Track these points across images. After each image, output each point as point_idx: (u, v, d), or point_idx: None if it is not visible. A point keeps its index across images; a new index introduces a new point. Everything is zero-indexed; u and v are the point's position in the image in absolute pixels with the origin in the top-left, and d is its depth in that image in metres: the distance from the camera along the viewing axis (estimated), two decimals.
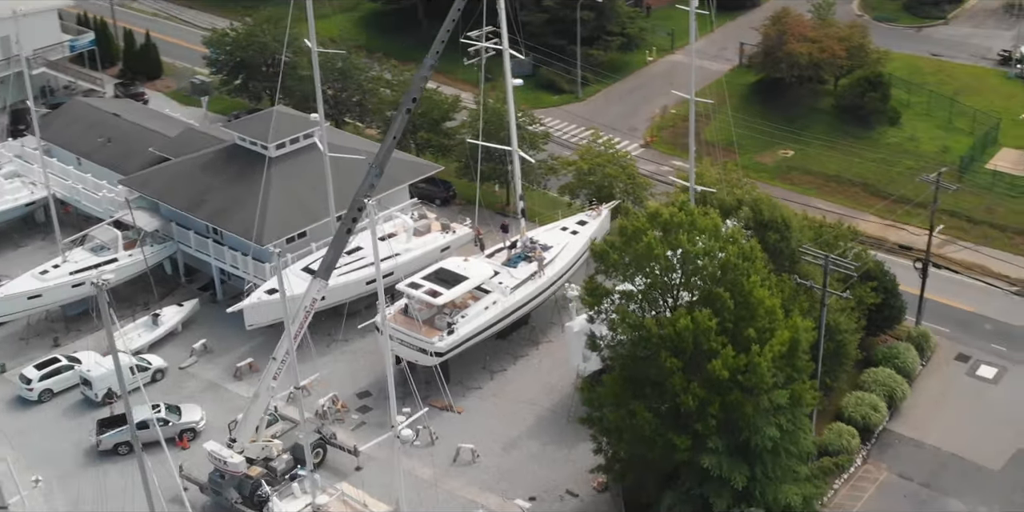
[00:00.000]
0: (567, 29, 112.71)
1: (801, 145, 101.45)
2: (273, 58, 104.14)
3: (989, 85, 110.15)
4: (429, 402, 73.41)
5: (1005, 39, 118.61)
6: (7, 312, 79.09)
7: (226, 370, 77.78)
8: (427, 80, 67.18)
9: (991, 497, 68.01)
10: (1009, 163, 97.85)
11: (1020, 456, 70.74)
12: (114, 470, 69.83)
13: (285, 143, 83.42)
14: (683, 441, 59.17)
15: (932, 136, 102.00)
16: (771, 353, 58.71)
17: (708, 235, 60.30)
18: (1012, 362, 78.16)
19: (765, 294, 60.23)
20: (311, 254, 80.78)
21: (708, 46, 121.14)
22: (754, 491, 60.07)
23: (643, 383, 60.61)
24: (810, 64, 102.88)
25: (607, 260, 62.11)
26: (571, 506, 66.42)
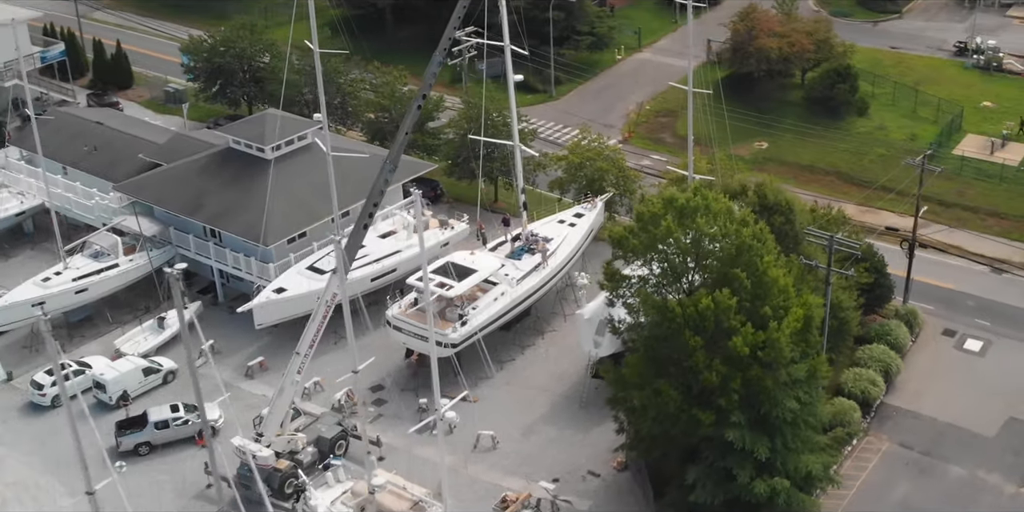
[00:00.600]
0: (538, 30, 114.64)
1: (775, 137, 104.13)
2: (250, 64, 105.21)
3: (948, 75, 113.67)
4: (444, 393, 75.01)
5: (958, 31, 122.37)
6: (11, 320, 79.44)
7: (236, 370, 78.67)
8: (436, 76, 68.97)
9: (988, 462, 71.10)
10: (975, 148, 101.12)
11: (1012, 423, 73.81)
12: (136, 471, 70.36)
13: (281, 145, 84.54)
14: (707, 416, 61.17)
15: (899, 125, 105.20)
16: (788, 329, 61.00)
17: (722, 218, 62.42)
18: (996, 335, 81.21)
19: (779, 273, 62.49)
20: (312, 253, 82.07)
21: (673, 44, 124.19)
22: (775, 462, 62.04)
23: (666, 362, 62.61)
24: (780, 58, 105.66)
25: (626, 245, 64.02)
26: (594, 485, 68.26)
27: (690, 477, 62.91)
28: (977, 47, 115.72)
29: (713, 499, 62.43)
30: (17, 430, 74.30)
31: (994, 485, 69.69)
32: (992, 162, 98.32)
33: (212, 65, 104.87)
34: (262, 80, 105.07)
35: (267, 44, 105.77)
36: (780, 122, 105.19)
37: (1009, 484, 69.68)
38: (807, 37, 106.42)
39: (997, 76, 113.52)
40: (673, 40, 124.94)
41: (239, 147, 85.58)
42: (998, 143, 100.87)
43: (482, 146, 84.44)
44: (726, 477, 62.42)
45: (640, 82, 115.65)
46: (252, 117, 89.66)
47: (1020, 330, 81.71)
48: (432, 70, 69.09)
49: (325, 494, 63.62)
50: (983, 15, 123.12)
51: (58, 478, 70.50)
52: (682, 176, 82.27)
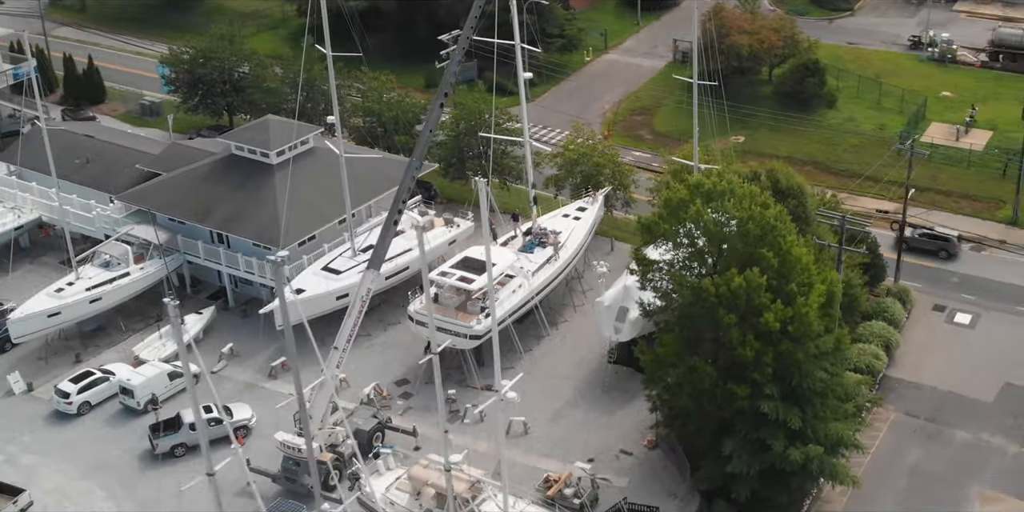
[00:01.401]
0: (508, 33, 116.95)
1: (750, 131, 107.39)
2: (230, 74, 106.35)
3: (905, 68, 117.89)
4: (467, 384, 77.19)
5: (909, 26, 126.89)
6: (28, 331, 79.81)
7: (258, 371, 79.98)
8: (456, 75, 71.23)
9: (990, 426, 75.23)
10: (941, 136, 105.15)
11: (1008, 388, 77.98)
12: (173, 472, 71.61)
13: (284, 150, 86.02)
14: (743, 390, 63.79)
15: (867, 116, 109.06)
16: (814, 304, 63.91)
17: (747, 201, 65.16)
18: (983, 308, 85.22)
19: (802, 252, 65.43)
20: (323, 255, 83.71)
21: (637, 45, 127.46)
22: (807, 430, 64.80)
23: (700, 341, 65.25)
24: (750, 55, 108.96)
25: (656, 231, 66.57)
26: (628, 463, 70.59)
27: (726, 449, 65.39)
28: (931, 40, 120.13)
29: (749, 469, 64.96)
30: (46, 439, 74.90)
31: (998, 446, 73.54)
32: (959, 148, 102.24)
33: (193, 76, 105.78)
34: (243, 89, 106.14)
35: (247, 53, 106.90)
36: (753, 116, 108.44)
37: (1012, 445, 73.62)
38: (775, 34, 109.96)
39: (952, 67, 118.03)
40: (638, 41, 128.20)
41: (242, 153, 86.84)
42: (962, 130, 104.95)
43: (492, 143, 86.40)
44: (760, 448, 65.04)
45: (611, 82, 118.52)
46: (253, 123, 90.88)
47: (1005, 302, 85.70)
48: (452, 69, 71.30)
49: (378, 481, 65.19)
50: (932, 10, 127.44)
51: (95, 482, 71.35)
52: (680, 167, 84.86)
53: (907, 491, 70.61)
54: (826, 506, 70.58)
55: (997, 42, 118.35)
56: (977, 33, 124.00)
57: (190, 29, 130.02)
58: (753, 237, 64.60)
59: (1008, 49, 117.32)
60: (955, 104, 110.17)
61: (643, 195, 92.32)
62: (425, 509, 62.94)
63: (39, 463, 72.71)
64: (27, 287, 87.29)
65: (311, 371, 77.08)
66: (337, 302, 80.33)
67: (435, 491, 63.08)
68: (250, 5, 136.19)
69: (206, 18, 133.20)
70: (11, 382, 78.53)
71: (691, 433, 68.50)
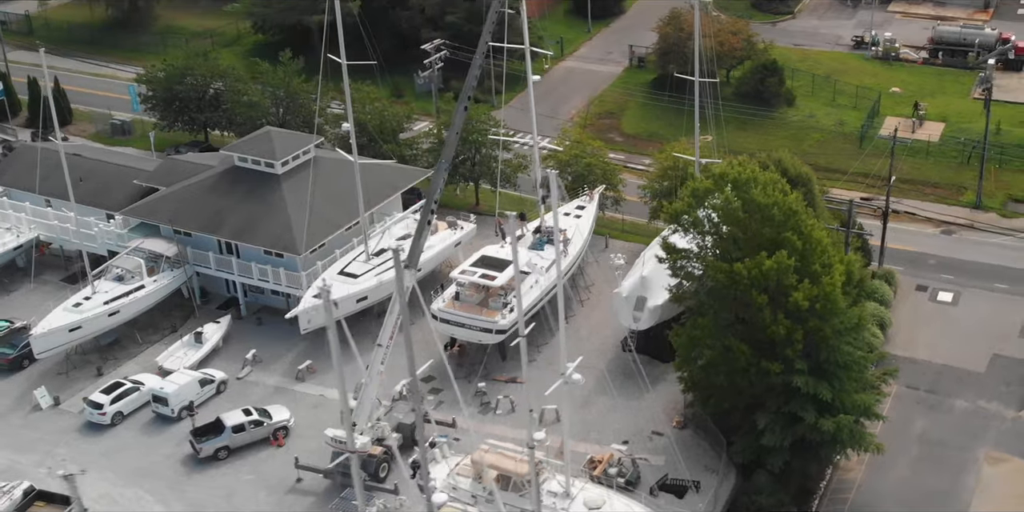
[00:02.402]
0: (472, 43, 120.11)
1: (716, 130, 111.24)
2: (205, 91, 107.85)
3: (852, 67, 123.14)
4: (492, 377, 79.98)
5: (848, 27, 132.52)
6: (51, 346, 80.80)
7: (284, 375, 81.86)
8: (477, 78, 74.18)
9: (985, 394, 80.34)
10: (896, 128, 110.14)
11: (996, 359, 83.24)
12: (219, 474, 73.52)
13: (288, 160, 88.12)
14: (776, 366, 67.53)
15: (825, 113, 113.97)
16: (838, 283, 67.94)
17: (770, 188, 69.01)
18: (963, 287, 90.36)
19: (823, 234, 69.51)
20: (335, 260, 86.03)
21: (591, 52, 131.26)
22: (835, 402, 68.67)
23: (733, 322, 68.88)
24: (712, 57, 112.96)
25: (684, 221, 70.13)
26: (662, 443, 73.78)
27: (761, 423, 69.00)
28: (873, 39, 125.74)
29: (782, 441, 68.70)
30: (83, 450, 76.04)
31: (996, 412, 78.52)
32: (919, 139, 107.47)
33: (171, 93, 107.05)
34: (220, 105, 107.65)
35: (224, 69, 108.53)
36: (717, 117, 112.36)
37: (1009, 410, 78.69)
38: (734, 36, 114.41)
39: (896, 65, 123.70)
40: (591, 48, 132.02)
41: (246, 164, 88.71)
42: (917, 123, 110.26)
43: (501, 147, 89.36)
44: (792, 420, 68.78)
45: (573, 88, 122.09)
46: (254, 135, 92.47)
47: (981, 280, 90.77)
48: (473, 73, 74.25)
49: (437, 468, 67.65)
50: (868, 11, 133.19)
51: (142, 488, 72.79)
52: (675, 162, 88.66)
53: (918, 457, 74.98)
54: (847, 474, 74.63)
55: (937, 39, 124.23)
56: (913, 32, 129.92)
57: (145, 49, 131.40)
58: (778, 222, 68.49)
59: (947, 46, 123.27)
60: (905, 99, 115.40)
61: (632, 195, 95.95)
62: (489, 491, 65.50)
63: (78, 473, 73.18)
64: (31, 305, 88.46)
65: (350, 370, 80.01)
66: (357, 305, 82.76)
67: (497, 473, 65.66)
68: (201, 24, 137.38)
69: (159, 38, 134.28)
70: (38, 397, 79.52)
71: (723, 411, 72.00)
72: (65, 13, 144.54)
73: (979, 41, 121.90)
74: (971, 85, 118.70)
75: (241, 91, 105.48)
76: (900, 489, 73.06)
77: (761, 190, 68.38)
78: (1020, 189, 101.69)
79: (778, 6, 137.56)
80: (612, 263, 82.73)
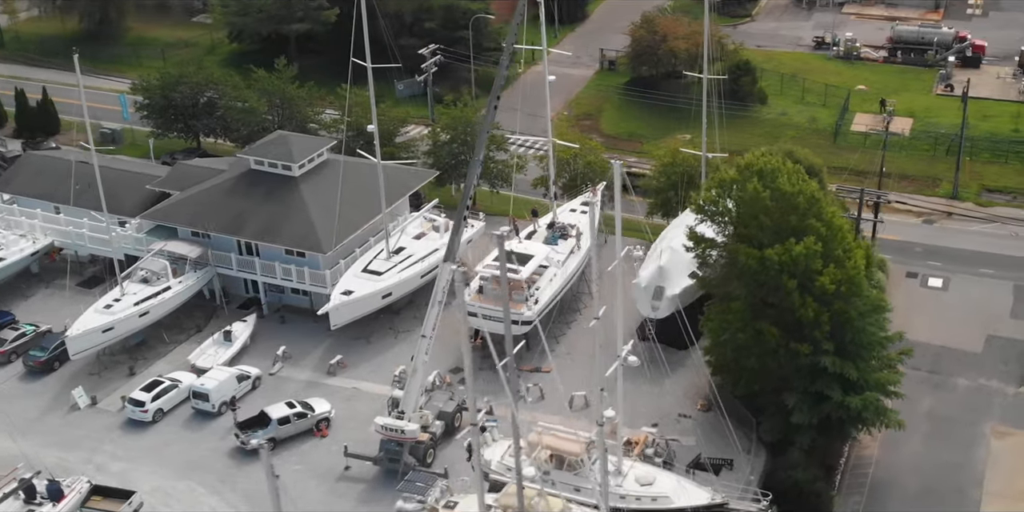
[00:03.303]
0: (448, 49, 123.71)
1: (693, 129, 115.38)
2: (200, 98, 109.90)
3: (816, 66, 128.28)
4: (518, 367, 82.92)
5: (807, 28, 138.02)
6: (85, 347, 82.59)
7: (315, 370, 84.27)
8: (504, 78, 77.52)
9: (985, 372, 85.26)
10: (869, 124, 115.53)
11: (992, 339, 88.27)
12: None
13: (304, 163, 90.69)
14: (805, 348, 71.59)
15: (796, 110, 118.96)
16: (861, 266, 72.26)
17: (794, 177, 73.15)
18: (951, 272, 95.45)
19: (843, 221, 73.83)
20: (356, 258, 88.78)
21: (561, 57, 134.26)
22: (859, 380, 72.87)
23: (763, 306, 72.79)
24: (688, 58, 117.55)
25: (712, 211, 73.97)
26: (688, 425, 77.50)
27: (790, 402, 72.99)
28: (834, 40, 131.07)
29: (811, 419, 72.73)
30: (128, 446, 77.89)
31: (997, 389, 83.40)
32: (893, 133, 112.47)
33: (167, 101, 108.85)
34: (213, 112, 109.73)
35: (218, 77, 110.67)
36: (693, 116, 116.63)
37: (1009, 386, 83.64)
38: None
39: (858, 64, 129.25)
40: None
41: (262, 167, 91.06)
42: (886, 119, 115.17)
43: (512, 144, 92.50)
44: (819, 399, 72.88)
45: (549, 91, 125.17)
46: (270, 139, 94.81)
47: (968, 266, 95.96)
48: (502, 72, 77.54)
49: (489, 451, 70.77)
50: (823, 13, 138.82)
51: (193, 481, 74.75)
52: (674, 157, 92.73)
53: (929, 433, 79.43)
54: (864, 451, 78.96)
55: (896, 39, 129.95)
56: (869, 32, 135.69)
57: (121, 61, 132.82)
58: (802, 209, 72.62)
59: (906, 45, 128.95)
60: (871, 96, 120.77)
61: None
62: (543, 471, 68.69)
63: (129, 468, 75.62)
64: (50, 309, 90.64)
65: (366, 367, 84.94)
66: (382, 301, 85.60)
67: (550, 453, 68.98)
68: (173, 35, 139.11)
69: (132, 49, 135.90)
70: (75, 397, 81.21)
71: (752, 393, 75.83)
72: (36, 26, 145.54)
73: (937, 40, 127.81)
74: (932, 82, 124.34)
75: (238, 97, 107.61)
76: (915, 463, 77.54)
77: (787, 179, 72.46)
78: (992, 179, 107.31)
79: (736, 9, 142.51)
80: (631, 254, 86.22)
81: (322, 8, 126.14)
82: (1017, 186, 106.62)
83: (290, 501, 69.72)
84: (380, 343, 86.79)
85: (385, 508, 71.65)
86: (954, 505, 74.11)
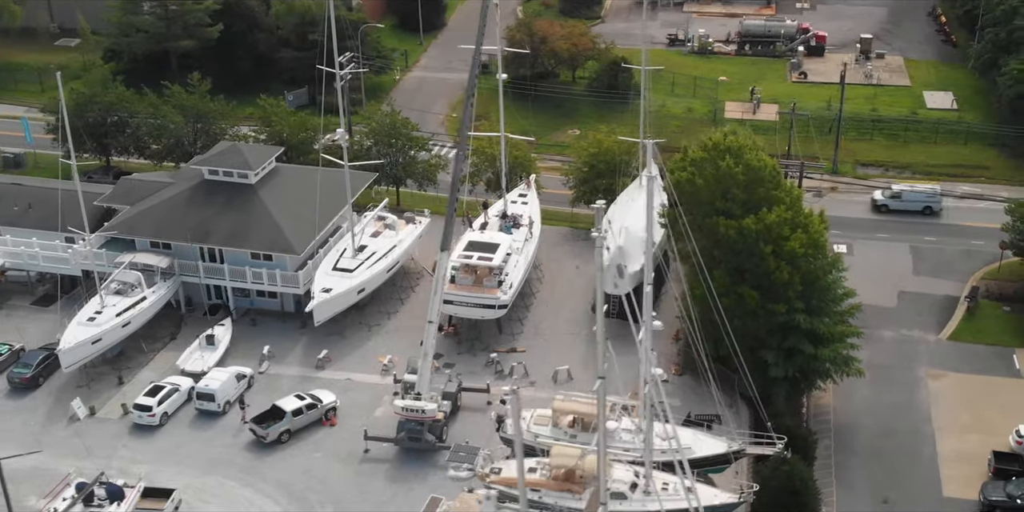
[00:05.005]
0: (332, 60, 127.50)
1: (580, 124, 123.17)
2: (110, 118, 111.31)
3: (674, 61, 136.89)
4: (494, 349, 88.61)
5: (655, 27, 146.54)
6: (77, 359, 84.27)
7: (301, 365, 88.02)
8: (476, 77, 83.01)
9: (904, 324, 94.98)
10: (739, 111, 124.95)
11: (903, 295, 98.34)
12: (288, 455, 79.47)
13: (259, 171, 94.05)
14: (780, 307, 79.58)
15: (672, 102, 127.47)
16: (822, 229, 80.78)
17: (756, 153, 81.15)
18: (852, 239, 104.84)
19: (799, 191, 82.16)
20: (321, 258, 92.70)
21: (432, 62, 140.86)
22: (826, 335, 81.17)
23: (743, 272, 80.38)
24: (569, 57, 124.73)
25: (687, 188, 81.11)
26: (670, 388, 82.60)
27: (769, 358, 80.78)
28: (689, 36, 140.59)
29: (787, 373, 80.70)
30: (143, 450, 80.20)
31: (920, 337, 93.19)
32: (761, 120, 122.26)
33: (84, 121, 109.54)
34: (124, 130, 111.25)
35: (130, 95, 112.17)
36: (577, 111, 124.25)
37: (929, 334, 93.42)
38: (583, 38, 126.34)
39: (712, 58, 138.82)
40: (430, 59, 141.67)
41: (217, 177, 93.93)
42: (755, 105, 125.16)
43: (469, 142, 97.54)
44: (791, 354, 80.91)
45: (430, 96, 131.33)
46: (223, 150, 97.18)
47: (864, 232, 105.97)
48: (474, 72, 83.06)
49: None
50: (666, 13, 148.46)
51: (221, 475, 77.81)
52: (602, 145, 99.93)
53: (872, 380, 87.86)
54: (820, 400, 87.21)
55: (744, 33, 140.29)
56: (712, 28, 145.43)
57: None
58: (767, 182, 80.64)
59: (754, 38, 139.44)
60: (733, 86, 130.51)
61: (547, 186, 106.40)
62: (570, 435, 74.56)
63: (154, 470, 77.79)
64: (10, 328, 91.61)
65: (350, 360, 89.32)
66: (358, 296, 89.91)
67: (573, 418, 74.96)
68: (41, 59, 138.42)
69: (9, 75, 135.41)
70: (74, 408, 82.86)
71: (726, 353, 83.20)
72: None
73: (783, 32, 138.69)
74: (785, 71, 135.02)
75: (153, 114, 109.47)
76: (869, 407, 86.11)
77: (754, 155, 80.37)
78: (863, 154, 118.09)
79: (586, 11, 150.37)
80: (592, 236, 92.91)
81: (204, 24, 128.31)
82: (886, 159, 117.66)
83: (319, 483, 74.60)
84: (355, 337, 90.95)
85: (414, 485, 76.78)
86: (912, 440, 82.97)
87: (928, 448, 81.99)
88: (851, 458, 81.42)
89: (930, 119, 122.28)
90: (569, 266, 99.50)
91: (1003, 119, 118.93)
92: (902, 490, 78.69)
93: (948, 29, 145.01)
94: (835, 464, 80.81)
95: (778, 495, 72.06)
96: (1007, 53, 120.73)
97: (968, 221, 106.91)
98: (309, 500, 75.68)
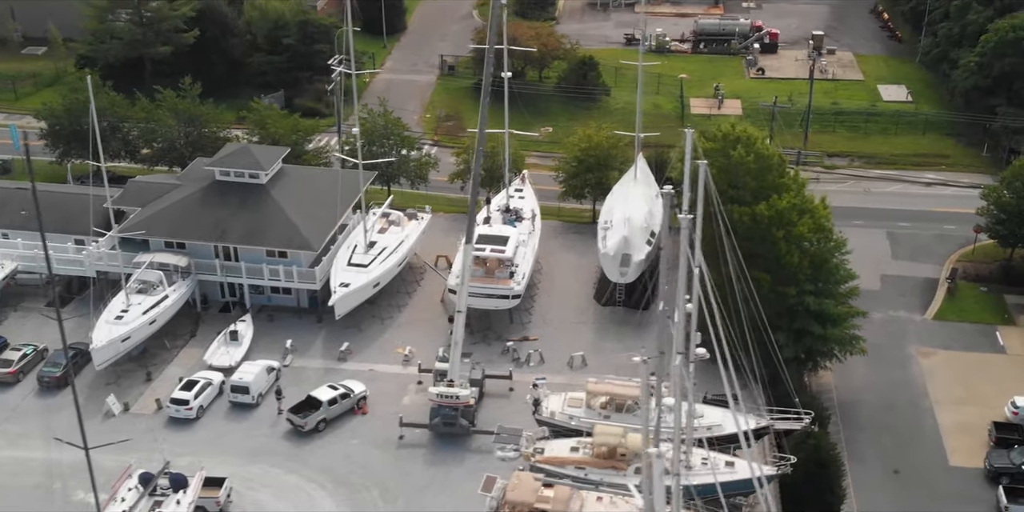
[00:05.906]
0: (306, 63, 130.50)
1: (552, 122, 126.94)
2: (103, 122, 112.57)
3: (633, 60, 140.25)
4: (507, 338, 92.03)
5: (609, 27, 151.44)
6: (108, 357, 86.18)
7: (324, 357, 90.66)
8: (492, 76, 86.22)
9: (888, 305, 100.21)
10: (705, 107, 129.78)
11: (885, 278, 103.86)
12: (327, 443, 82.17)
13: (270, 171, 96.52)
14: (792, 290, 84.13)
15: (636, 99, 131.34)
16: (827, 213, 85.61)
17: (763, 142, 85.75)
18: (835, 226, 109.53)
19: (803, 178, 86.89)
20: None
21: (398, 64, 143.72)
22: (832, 315, 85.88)
23: (756, 257, 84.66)
24: (539, 57, 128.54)
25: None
26: None
27: (780, 339, 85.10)
28: (645, 36, 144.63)
29: (797, 353, 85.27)
30: (183, 442, 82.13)
31: (906, 318, 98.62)
32: (726, 115, 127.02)
33: (71, 127, 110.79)
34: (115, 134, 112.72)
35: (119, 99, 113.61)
36: (548, 110, 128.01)
37: (915, 314, 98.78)
38: (553, 39, 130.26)
39: (670, 55, 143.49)
40: (395, 61, 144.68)
41: (228, 178, 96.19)
42: (719, 101, 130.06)
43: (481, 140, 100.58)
44: (801, 334, 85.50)
45: (401, 97, 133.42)
46: (233, 151, 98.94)
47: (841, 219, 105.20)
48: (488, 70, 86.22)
49: (547, 402, 79.79)
50: (619, 13, 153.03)
51: (266, 463, 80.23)
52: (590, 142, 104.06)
53: (869, 358, 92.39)
54: (821, 379, 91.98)
55: (699, 32, 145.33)
56: (665, 28, 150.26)
57: None
58: (775, 169, 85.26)
59: (709, 36, 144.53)
60: (695, 83, 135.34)
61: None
62: (604, 415, 78.29)
63: (197, 461, 79.58)
64: (29, 330, 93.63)
65: (369, 352, 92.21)
66: (373, 290, 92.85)
67: (606, 399, 78.67)
68: (10, 67, 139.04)
69: None
70: (109, 404, 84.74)
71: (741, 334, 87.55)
72: None
73: (737, 30, 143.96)
74: (741, 67, 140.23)
75: (147, 118, 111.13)
76: (868, 383, 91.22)
77: (763, 144, 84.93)
78: (828, 146, 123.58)
79: (540, 13, 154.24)
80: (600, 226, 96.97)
81: (179, 30, 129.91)
82: (851, 150, 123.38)
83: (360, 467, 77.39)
84: (371, 330, 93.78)
85: (452, 468, 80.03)
86: (913, 414, 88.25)
87: (929, 421, 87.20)
88: (859, 433, 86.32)
89: (888, 111, 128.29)
90: (565, 258, 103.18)
91: (956, 110, 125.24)
92: (910, 461, 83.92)
93: (892, 25, 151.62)
94: (844, 439, 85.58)
95: (806, 467, 76.51)
96: (959, 47, 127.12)
97: (939, 207, 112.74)
98: (354, 484, 78.47)
